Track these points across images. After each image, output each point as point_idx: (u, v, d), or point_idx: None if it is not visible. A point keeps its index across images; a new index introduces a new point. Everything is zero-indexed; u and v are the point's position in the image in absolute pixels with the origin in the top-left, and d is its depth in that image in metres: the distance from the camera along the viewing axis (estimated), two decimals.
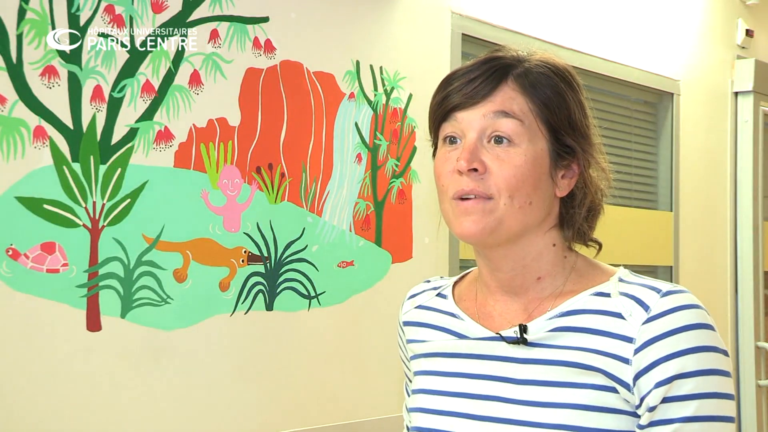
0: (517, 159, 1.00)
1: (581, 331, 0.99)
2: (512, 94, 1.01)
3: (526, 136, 1.00)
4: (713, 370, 0.95)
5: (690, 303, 0.97)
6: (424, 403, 1.09)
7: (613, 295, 1.00)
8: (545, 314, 1.02)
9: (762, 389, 3.70)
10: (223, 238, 1.96)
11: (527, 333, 1.01)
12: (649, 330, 0.96)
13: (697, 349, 0.94)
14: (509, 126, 1.00)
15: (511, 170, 0.99)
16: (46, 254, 1.69)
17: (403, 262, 2.35)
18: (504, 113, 1.00)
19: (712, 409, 0.94)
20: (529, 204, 1.00)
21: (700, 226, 3.54)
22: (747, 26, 3.78)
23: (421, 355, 1.13)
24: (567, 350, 0.99)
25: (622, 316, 0.98)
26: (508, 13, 2.68)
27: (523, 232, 1.02)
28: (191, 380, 1.91)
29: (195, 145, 1.92)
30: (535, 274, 1.05)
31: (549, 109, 1.02)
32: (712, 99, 3.62)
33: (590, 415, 0.96)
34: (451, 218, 1.03)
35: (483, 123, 1.01)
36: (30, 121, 1.68)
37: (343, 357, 2.21)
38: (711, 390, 0.94)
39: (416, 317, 1.17)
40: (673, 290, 0.98)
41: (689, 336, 0.95)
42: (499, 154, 1.00)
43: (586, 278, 1.05)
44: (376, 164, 2.28)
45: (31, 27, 1.69)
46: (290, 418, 2.08)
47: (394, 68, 2.34)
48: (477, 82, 1.02)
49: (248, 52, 2.02)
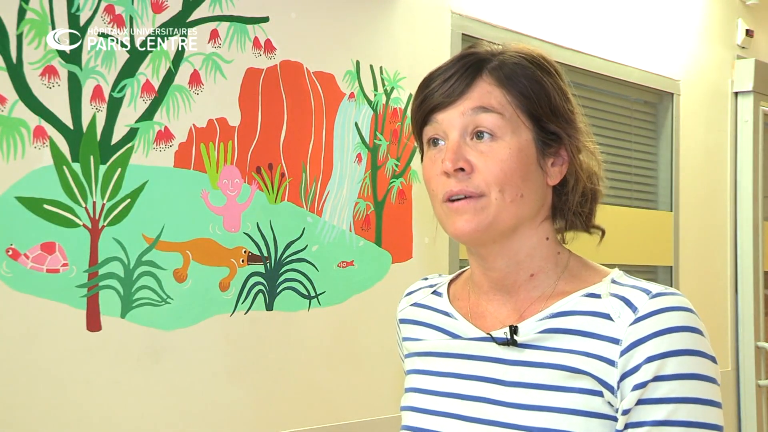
0: (502, 153, 0.99)
1: (571, 333, 0.98)
2: (488, 89, 1.00)
3: (508, 129, 1.00)
4: (694, 374, 0.92)
5: (679, 305, 0.95)
6: (415, 402, 1.09)
7: (603, 296, 0.99)
8: (536, 315, 1.01)
9: (762, 389, 3.70)
10: (223, 238, 1.96)
11: (518, 334, 1.00)
12: (636, 331, 0.94)
13: (679, 352, 0.92)
14: (489, 120, 0.99)
15: (498, 164, 0.99)
16: (46, 254, 1.69)
17: (403, 262, 2.35)
18: (483, 108, 1.00)
19: (687, 414, 0.91)
20: (520, 196, 1.00)
21: (700, 226, 3.54)
22: (747, 26, 3.77)
23: (415, 353, 1.13)
24: (556, 352, 0.98)
25: (610, 317, 0.96)
26: (508, 13, 2.68)
27: (517, 226, 1.01)
28: (191, 380, 1.91)
29: (195, 145, 1.92)
30: (528, 270, 1.04)
31: (527, 98, 1.01)
32: (712, 99, 3.62)
33: (576, 420, 0.95)
34: (444, 220, 1.03)
35: (463, 121, 1.00)
36: (30, 121, 1.68)
37: (343, 357, 2.21)
38: (689, 395, 0.91)
39: (412, 315, 1.17)
40: (664, 292, 0.96)
41: (673, 338, 0.93)
42: (483, 150, 0.99)
43: (579, 279, 1.04)
44: (376, 164, 2.28)
45: (31, 27, 1.69)
46: (289, 418, 2.08)
47: (394, 68, 2.34)
48: (452, 81, 1.01)
49: (248, 52, 2.02)
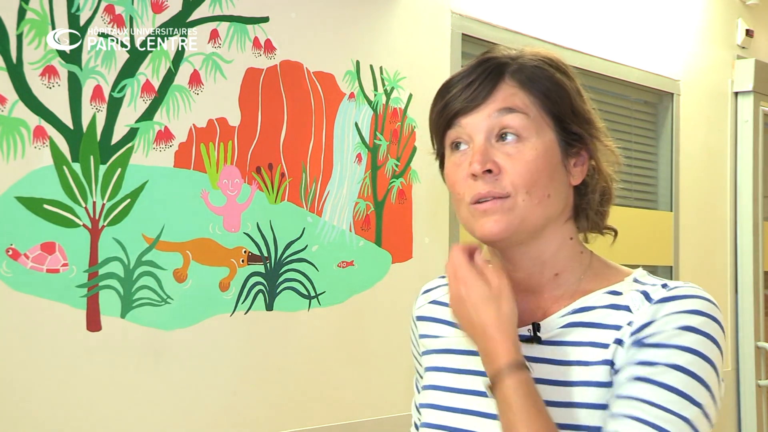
0: (528, 154, 1.00)
1: (590, 326, 0.99)
2: (512, 91, 1.02)
3: (533, 130, 1.01)
4: (692, 349, 0.92)
5: (696, 294, 0.96)
6: (434, 400, 1.09)
7: (625, 293, 1.00)
8: (559, 312, 1.02)
9: (762, 389, 3.70)
10: (223, 238, 1.96)
11: (540, 331, 1.01)
12: (648, 312, 0.95)
13: (686, 328, 0.93)
14: (516, 121, 1.00)
15: (524, 165, 0.99)
16: (46, 254, 1.69)
17: (403, 262, 2.35)
18: (509, 109, 1.01)
19: (675, 359, 0.91)
20: (547, 197, 1.01)
21: (700, 226, 3.54)
22: (747, 26, 3.77)
23: (433, 350, 1.13)
24: (576, 346, 0.99)
25: (629, 309, 0.98)
26: (508, 13, 2.68)
27: (544, 226, 1.02)
28: (191, 380, 1.90)
29: (195, 145, 1.92)
30: (553, 270, 1.05)
31: (550, 99, 1.02)
32: (712, 99, 3.62)
33: (598, 414, 0.95)
34: (471, 222, 1.02)
35: (489, 123, 1.01)
36: (30, 121, 1.68)
37: (343, 357, 2.21)
38: (684, 344, 0.91)
39: (430, 312, 1.17)
40: (683, 284, 0.97)
41: (682, 317, 0.93)
42: (509, 151, 1.00)
43: (602, 277, 1.05)
44: (376, 164, 2.28)
45: (31, 27, 1.69)
46: (290, 418, 2.08)
47: (394, 68, 2.34)
48: (475, 85, 1.02)
49: (248, 52, 2.02)
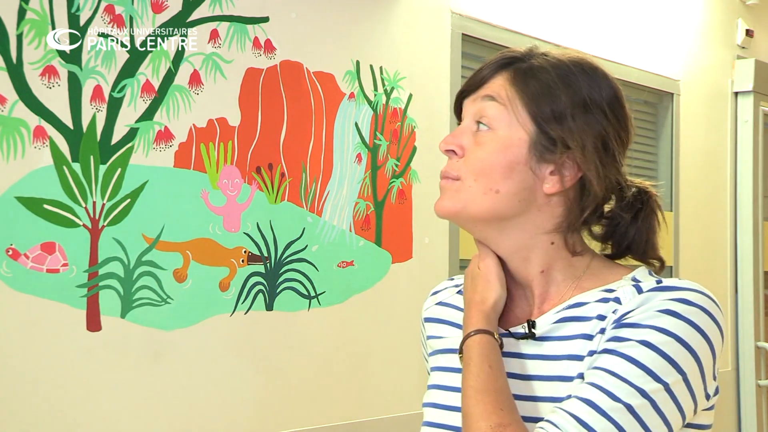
0: (489, 145, 1.01)
1: (581, 320, 0.99)
2: (503, 83, 1.03)
3: (504, 122, 1.01)
4: (667, 331, 0.90)
5: (693, 287, 0.94)
6: (436, 399, 1.10)
7: (618, 288, 0.99)
8: (554, 308, 1.02)
9: (762, 389, 3.70)
10: (223, 238, 1.96)
11: (535, 328, 1.01)
12: (636, 301, 0.95)
13: (667, 311, 0.91)
14: (491, 110, 1.02)
15: (481, 154, 1.01)
16: (46, 254, 1.69)
17: (403, 262, 2.35)
18: (490, 97, 1.02)
19: (646, 336, 0.90)
20: (495, 192, 1.00)
21: (700, 226, 3.54)
22: (747, 26, 3.77)
23: (438, 351, 1.15)
24: (568, 341, 0.99)
25: (619, 301, 0.97)
26: (508, 13, 2.68)
27: (493, 219, 1.02)
28: (191, 380, 1.90)
29: (195, 145, 1.92)
30: (538, 267, 1.04)
31: (534, 100, 1.01)
32: (712, 99, 3.62)
33: None
34: None
35: (474, 108, 1.04)
36: (30, 121, 1.68)
37: (343, 357, 2.21)
38: (657, 330, 0.90)
39: (436, 314, 1.18)
40: (680, 280, 0.96)
41: (667, 303, 0.92)
42: (478, 138, 1.02)
43: (599, 277, 1.03)
44: (376, 164, 2.28)
45: (31, 27, 1.69)
46: (290, 418, 2.08)
47: (394, 68, 2.34)
48: (483, 72, 1.05)
49: (248, 52, 2.02)
